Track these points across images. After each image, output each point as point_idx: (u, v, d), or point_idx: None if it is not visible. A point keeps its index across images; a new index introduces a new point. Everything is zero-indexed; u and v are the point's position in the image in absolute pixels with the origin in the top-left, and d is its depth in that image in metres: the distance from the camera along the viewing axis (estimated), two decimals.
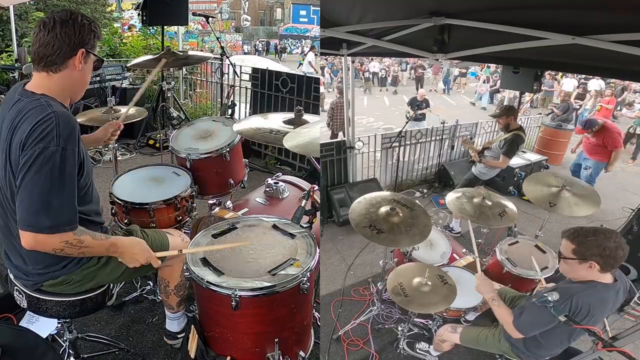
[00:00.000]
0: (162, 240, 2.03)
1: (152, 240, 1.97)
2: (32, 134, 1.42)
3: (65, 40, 1.52)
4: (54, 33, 1.50)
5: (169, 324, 2.41)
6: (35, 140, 1.41)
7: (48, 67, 1.54)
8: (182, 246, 2.06)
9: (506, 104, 3.79)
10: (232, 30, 33.35)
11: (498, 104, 11.60)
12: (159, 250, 1.92)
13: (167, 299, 2.28)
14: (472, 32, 2.40)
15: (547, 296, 1.70)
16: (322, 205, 4.68)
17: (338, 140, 5.08)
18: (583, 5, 1.88)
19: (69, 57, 1.54)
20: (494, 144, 4.15)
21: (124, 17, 18.04)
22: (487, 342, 2.22)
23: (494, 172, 4.12)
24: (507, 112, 4.00)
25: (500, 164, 3.95)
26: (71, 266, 1.69)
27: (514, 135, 3.88)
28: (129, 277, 2.06)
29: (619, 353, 1.51)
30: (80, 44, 1.55)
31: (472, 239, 2.50)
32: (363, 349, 2.90)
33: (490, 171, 4.10)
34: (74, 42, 1.53)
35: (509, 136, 3.91)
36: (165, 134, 4.79)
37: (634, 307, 3.22)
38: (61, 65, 1.55)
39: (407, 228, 2.36)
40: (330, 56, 14.99)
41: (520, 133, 3.92)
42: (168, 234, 2.11)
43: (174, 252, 1.88)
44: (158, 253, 1.85)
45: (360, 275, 3.77)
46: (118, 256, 1.72)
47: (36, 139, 1.42)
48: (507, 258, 2.84)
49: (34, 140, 1.42)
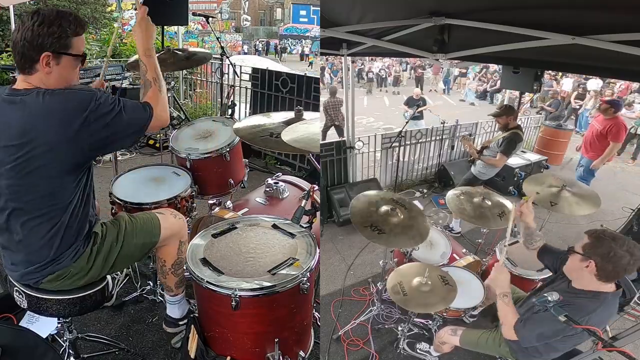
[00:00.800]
0: (151, 220, 2.03)
1: (141, 223, 1.98)
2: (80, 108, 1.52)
3: (22, 44, 1.52)
4: (19, 35, 1.51)
5: (169, 308, 2.40)
6: (93, 106, 1.53)
7: (22, 70, 1.57)
8: (174, 223, 2.11)
9: (506, 103, 3.79)
10: (232, 30, 33.35)
11: (499, 105, 11.59)
12: (149, 231, 1.98)
13: (165, 279, 2.27)
14: (472, 32, 2.40)
15: (547, 296, 1.70)
16: (322, 205, 4.68)
17: (338, 140, 5.08)
18: (583, 5, 1.88)
19: (34, 61, 1.54)
20: (492, 142, 4.16)
21: (124, 17, 18.02)
22: (487, 345, 2.21)
23: (493, 171, 4.12)
24: (507, 112, 4.01)
25: (498, 161, 3.96)
26: (68, 260, 1.70)
27: (512, 134, 3.90)
28: (124, 266, 2.13)
29: (619, 353, 1.51)
30: (40, 48, 1.52)
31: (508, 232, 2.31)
32: (363, 349, 2.90)
33: (489, 171, 4.10)
34: (36, 47, 1.51)
35: (507, 134, 3.93)
36: (165, 134, 4.80)
37: (634, 307, 3.22)
38: (31, 69, 1.56)
39: (407, 229, 2.36)
40: (331, 56, 15.03)
41: (518, 132, 3.94)
42: (159, 213, 2.11)
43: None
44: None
45: (360, 275, 3.77)
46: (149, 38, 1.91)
47: (92, 106, 1.54)
48: (507, 258, 2.83)
49: (92, 108, 1.53)
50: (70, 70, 1.63)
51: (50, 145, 1.52)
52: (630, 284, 3.10)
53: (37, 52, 1.52)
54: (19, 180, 1.57)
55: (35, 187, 1.58)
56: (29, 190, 1.59)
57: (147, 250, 2.03)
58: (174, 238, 2.13)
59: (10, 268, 1.76)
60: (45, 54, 1.52)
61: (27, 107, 1.53)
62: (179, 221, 2.15)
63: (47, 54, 1.53)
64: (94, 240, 1.79)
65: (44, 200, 1.60)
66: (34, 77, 1.57)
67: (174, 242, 2.14)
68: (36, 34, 1.50)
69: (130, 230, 1.93)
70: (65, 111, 1.52)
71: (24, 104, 1.53)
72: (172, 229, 2.09)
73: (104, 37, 8.28)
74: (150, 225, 2.00)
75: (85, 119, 1.52)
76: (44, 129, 1.51)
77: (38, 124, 1.51)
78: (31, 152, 1.52)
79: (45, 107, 1.52)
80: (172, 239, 2.12)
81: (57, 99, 1.53)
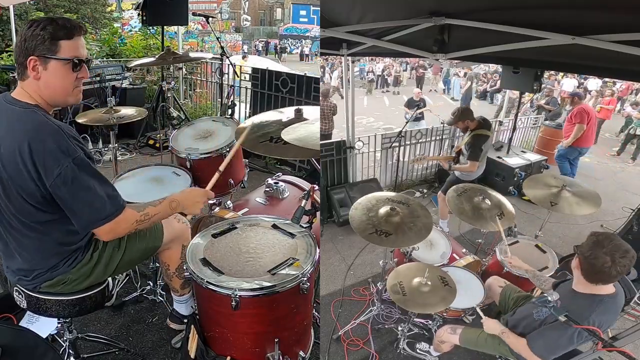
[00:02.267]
0: (154, 224, 2.00)
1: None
2: (48, 154, 1.44)
3: (16, 50, 1.53)
4: (17, 42, 1.53)
5: (177, 305, 2.42)
6: (58, 156, 1.45)
7: (18, 77, 1.57)
8: (178, 227, 2.10)
9: (459, 107, 3.77)
10: (232, 30, 33.32)
11: (452, 111, 11.58)
12: (152, 235, 1.96)
13: (170, 281, 2.28)
14: (472, 32, 2.40)
15: (547, 296, 1.70)
16: (322, 205, 4.68)
17: (338, 140, 5.08)
18: (583, 5, 1.88)
19: (24, 67, 1.52)
20: (462, 146, 3.98)
21: (124, 17, 18.01)
22: (487, 343, 2.21)
23: (474, 174, 3.95)
24: (461, 116, 3.86)
25: (469, 168, 3.79)
26: (65, 267, 1.69)
27: (473, 138, 3.77)
28: (126, 270, 2.12)
29: (619, 353, 1.51)
30: (27, 52, 1.50)
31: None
32: (363, 349, 2.90)
33: (470, 173, 3.94)
34: (23, 51, 1.51)
35: (469, 139, 3.79)
36: (165, 134, 4.79)
37: (634, 307, 3.22)
38: (23, 75, 1.55)
39: (411, 225, 2.35)
40: (330, 56, 15.02)
41: (480, 132, 3.79)
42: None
43: (216, 175, 1.99)
44: (209, 185, 1.95)
45: (360, 275, 3.77)
46: (182, 210, 1.80)
47: (57, 155, 1.45)
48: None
49: (55, 157, 1.45)
50: (62, 78, 1.55)
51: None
52: (630, 284, 3.11)
53: (25, 57, 1.50)
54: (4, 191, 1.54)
55: (20, 199, 1.52)
56: (16, 201, 1.54)
57: (149, 254, 2.03)
58: (177, 242, 2.11)
59: (8, 272, 1.75)
60: (31, 57, 1.50)
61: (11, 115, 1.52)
62: (182, 225, 2.14)
63: (33, 58, 1.50)
64: (95, 247, 1.76)
65: (32, 211, 1.54)
66: (27, 84, 1.55)
67: (177, 246, 2.13)
68: (23, 38, 1.50)
69: (133, 234, 1.88)
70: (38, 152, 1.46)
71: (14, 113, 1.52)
72: (175, 232, 2.08)
73: (104, 37, 8.26)
74: (154, 229, 1.98)
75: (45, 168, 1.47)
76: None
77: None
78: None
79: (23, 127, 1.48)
80: (175, 242, 2.11)
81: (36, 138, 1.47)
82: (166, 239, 2.02)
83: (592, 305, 1.76)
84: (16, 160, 1.45)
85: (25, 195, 1.50)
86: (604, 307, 1.76)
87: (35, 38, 1.49)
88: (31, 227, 1.58)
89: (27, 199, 1.51)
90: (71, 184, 1.47)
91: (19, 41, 1.51)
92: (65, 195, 1.49)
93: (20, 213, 1.55)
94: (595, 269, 1.72)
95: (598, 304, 1.76)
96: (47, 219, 1.57)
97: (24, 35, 1.50)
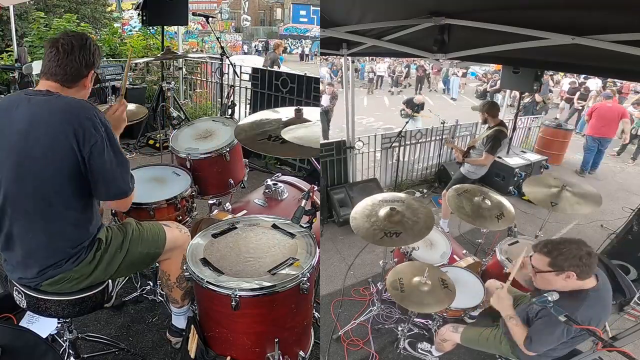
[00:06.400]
0: (158, 231, 2.03)
1: (148, 232, 1.98)
2: (86, 128, 1.58)
3: (82, 63, 1.70)
4: (73, 56, 1.68)
5: (175, 319, 2.40)
6: (95, 129, 1.59)
7: (63, 83, 1.69)
8: (179, 236, 2.11)
9: (488, 99, 3.83)
10: (232, 30, 33.32)
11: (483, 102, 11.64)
12: (155, 242, 1.99)
13: (171, 292, 2.28)
14: (472, 32, 2.41)
15: (547, 296, 1.70)
16: (322, 205, 4.68)
17: (338, 140, 5.08)
18: (583, 5, 1.88)
19: (83, 77, 1.73)
20: (477, 142, 4.14)
21: (124, 17, 18.01)
22: (488, 343, 2.21)
23: (482, 171, 4.10)
24: (489, 108, 4.03)
25: (484, 160, 3.95)
26: (69, 264, 1.70)
27: (496, 132, 3.90)
28: (126, 274, 2.13)
29: (619, 353, 1.51)
30: (91, 66, 1.74)
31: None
32: (363, 349, 2.89)
33: (478, 170, 4.09)
34: (88, 65, 1.72)
35: (491, 133, 3.92)
36: (165, 134, 4.80)
37: (634, 307, 3.22)
38: (75, 83, 1.72)
39: (415, 218, 2.36)
40: (330, 56, 15.01)
41: (502, 128, 3.94)
42: (166, 225, 2.11)
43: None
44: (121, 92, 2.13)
45: (360, 275, 3.77)
46: (117, 131, 1.85)
47: (93, 128, 1.59)
48: (507, 258, 2.83)
49: (91, 131, 1.58)
50: (90, 87, 1.82)
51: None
52: (630, 284, 3.11)
53: (88, 68, 1.73)
54: (16, 183, 1.58)
55: (31, 190, 1.58)
56: (26, 194, 1.59)
57: (150, 261, 2.03)
58: (178, 251, 2.11)
59: (8, 269, 1.76)
60: (92, 70, 1.75)
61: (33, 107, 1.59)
62: (184, 235, 2.14)
63: (93, 71, 1.76)
64: (98, 247, 1.78)
65: (39, 205, 1.60)
66: (73, 92, 1.71)
67: (178, 255, 2.12)
68: (91, 54, 1.72)
69: (136, 237, 1.92)
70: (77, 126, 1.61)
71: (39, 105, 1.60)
72: (176, 242, 2.09)
73: (104, 37, 8.26)
74: (157, 235, 2.00)
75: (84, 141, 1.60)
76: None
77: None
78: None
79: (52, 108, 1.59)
80: (176, 252, 2.11)
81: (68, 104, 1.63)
82: (167, 248, 2.03)
83: (576, 300, 1.78)
84: (59, 137, 1.56)
85: (62, 167, 1.58)
86: (589, 302, 1.78)
87: (98, 55, 1.76)
88: (44, 213, 1.62)
89: (63, 171, 1.59)
90: (105, 154, 1.62)
91: (78, 52, 1.68)
92: (97, 165, 1.61)
93: (41, 193, 1.60)
94: (592, 267, 1.77)
95: (583, 300, 1.78)
96: (65, 206, 1.64)
97: (90, 48, 1.71)
